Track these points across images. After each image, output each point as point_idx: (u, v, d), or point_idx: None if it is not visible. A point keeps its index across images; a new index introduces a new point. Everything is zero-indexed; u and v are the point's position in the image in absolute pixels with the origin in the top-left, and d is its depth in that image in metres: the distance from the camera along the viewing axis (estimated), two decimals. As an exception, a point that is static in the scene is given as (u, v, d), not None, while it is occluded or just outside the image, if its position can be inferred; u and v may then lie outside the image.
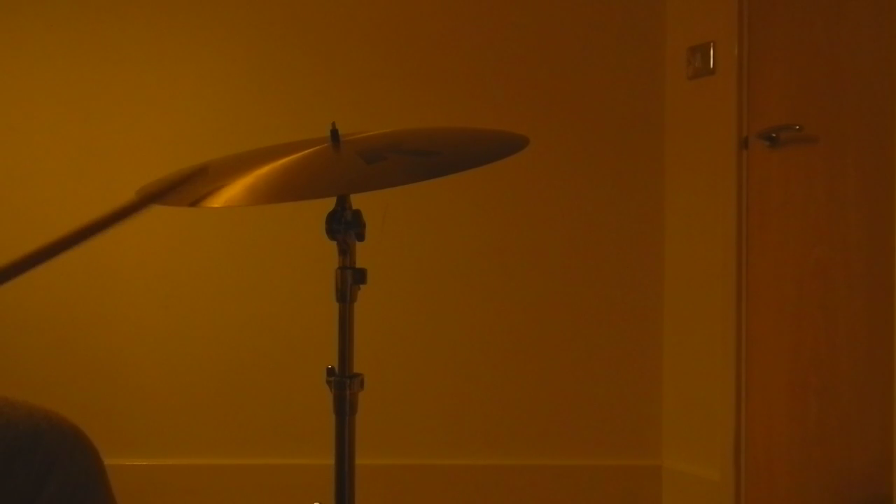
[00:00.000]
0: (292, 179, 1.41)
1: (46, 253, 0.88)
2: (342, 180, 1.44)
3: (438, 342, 3.23)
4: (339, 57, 3.21)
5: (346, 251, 1.45)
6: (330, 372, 1.48)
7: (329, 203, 1.43)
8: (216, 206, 1.33)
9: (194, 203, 1.35)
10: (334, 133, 1.48)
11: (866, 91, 2.49)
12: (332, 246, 1.45)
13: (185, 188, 1.31)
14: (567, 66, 3.26)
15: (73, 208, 3.07)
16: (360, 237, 1.45)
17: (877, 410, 2.38)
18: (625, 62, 3.25)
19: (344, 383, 1.46)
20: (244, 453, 3.17)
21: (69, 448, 1.12)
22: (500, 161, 1.45)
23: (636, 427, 3.23)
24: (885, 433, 2.32)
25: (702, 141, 3.06)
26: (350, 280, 1.45)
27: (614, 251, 3.25)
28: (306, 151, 1.45)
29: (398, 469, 3.17)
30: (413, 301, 3.22)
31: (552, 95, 3.25)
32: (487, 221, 3.24)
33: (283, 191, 1.43)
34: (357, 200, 1.44)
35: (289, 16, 3.21)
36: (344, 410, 1.47)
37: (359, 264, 1.47)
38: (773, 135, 2.73)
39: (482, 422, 3.23)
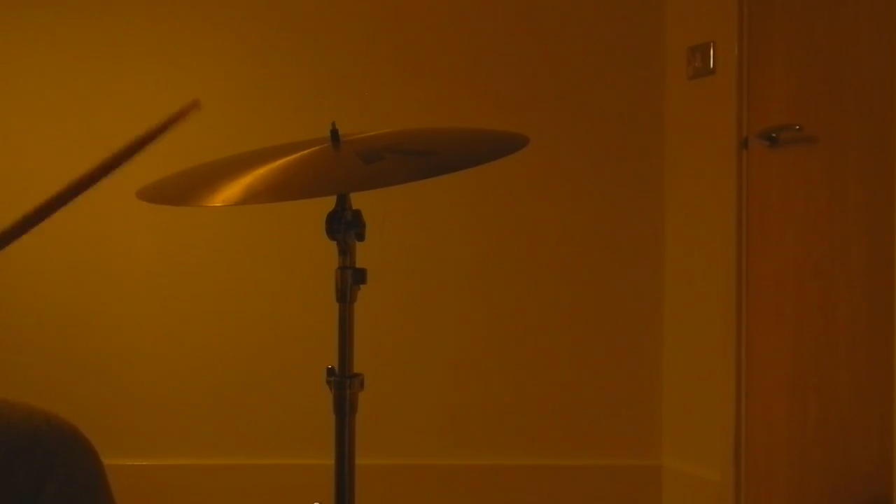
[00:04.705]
0: (292, 179, 1.41)
1: (43, 211, 0.89)
2: (342, 180, 1.44)
3: (438, 342, 3.23)
4: (339, 57, 3.21)
5: (346, 251, 1.45)
6: (330, 372, 1.48)
7: (329, 203, 1.43)
8: (216, 205, 1.33)
9: (195, 204, 1.35)
10: (334, 133, 1.48)
11: (866, 91, 2.49)
12: (332, 246, 1.45)
13: (176, 125, 1.31)
14: (567, 65, 3.26)
15: (71, 206, 3.06)
16: (360, 237, 1.45)
17: (877, 410, 2.38)
18: (625, 62, 3.25)
19: (344, 383, 1.47)
20: (244, 453, 3.17)
21: (68, 449, 1.12)
22: (499, 161, 1.45)
23: (636, 427, 3.23)
24: (885, 433, 2.32)
25: (702, 141, 3.06)
26: (350, 280, 1.45)
27: (614, 251, 3.25)
28: (306, 151, 1.45)
29: (398, 469, 3.16)
30: (413, 301, 3.22)
31: (552, 95, 3.25)
32: (487, 221, 3.24)
33: (283, 190, 1.43)
34: (357, 200, 1.44)
35: (288, 16, 3.21)
36: (344, 410, 1.47)
37: (359, 264, 1.47)
38: (773, 135, 2.73)
39: (482, 422, 3.23)
